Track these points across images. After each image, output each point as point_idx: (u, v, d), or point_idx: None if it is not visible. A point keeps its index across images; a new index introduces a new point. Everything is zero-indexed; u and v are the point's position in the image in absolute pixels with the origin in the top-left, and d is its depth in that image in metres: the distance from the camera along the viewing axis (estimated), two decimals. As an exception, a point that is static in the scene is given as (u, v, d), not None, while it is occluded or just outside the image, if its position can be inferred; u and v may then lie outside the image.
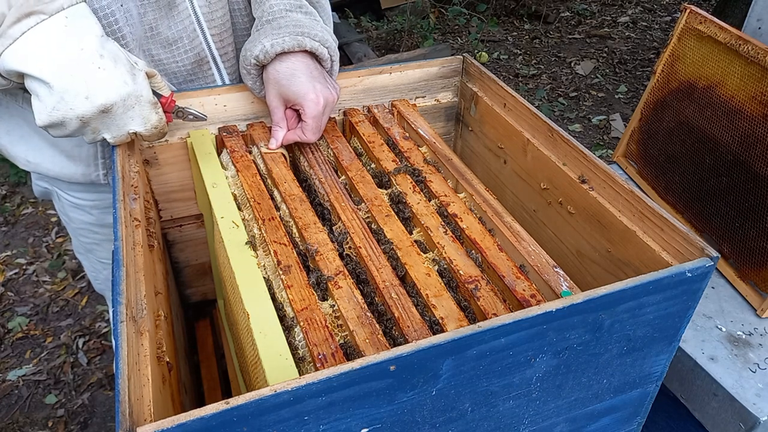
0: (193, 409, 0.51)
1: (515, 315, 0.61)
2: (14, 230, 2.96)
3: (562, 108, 3.98)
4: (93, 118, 0.84)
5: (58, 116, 0.82)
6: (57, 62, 0.80)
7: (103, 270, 1.39)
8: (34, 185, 1.29)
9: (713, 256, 0.71)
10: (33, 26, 0.79)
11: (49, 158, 1.13)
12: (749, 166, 1.16)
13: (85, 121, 0.84)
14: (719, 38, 1.23)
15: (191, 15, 1.06)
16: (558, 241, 1.02)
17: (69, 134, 0.86)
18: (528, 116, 1.04)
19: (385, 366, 0.56)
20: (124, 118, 0.87)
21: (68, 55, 0.81)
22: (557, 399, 0.74)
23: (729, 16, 3.83)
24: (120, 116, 0.86)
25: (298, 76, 0.98)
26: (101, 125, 0.87)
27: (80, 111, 0.82)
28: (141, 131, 0.90)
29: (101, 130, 0.88)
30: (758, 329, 1.11)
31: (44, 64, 0.80)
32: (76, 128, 0.85)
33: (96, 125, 0.86)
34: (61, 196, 1.24)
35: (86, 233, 1.30)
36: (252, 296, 0.78)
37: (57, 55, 0.80)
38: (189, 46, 1.08)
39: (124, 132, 0.89)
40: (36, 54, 0.80)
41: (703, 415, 1.06)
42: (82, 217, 1.26)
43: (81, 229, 1.30)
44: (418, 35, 4.48)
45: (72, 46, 0.81)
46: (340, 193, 0.97)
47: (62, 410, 2.16)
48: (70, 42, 0.81)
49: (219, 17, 1.10)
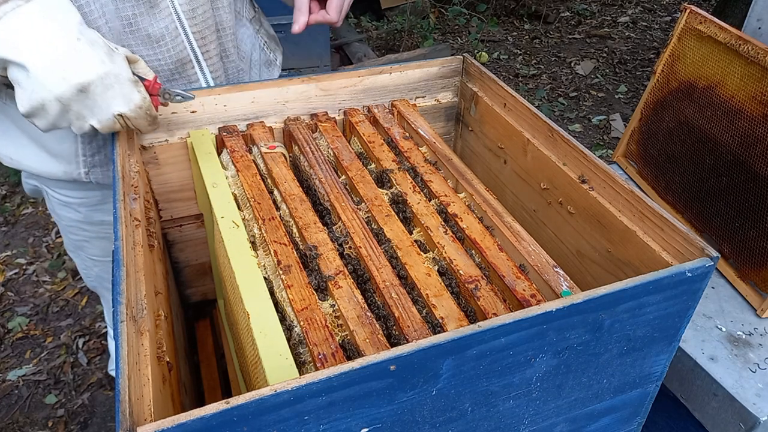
0: (193, 409, 0.51)
1: (515, 315, 0.61)
2: (14, 230, 2.96)
3: (562, 108, 3.98)
4: (72, 100, 0.84)
5: (38, 99, 0.82)
6: (33, 44, 0.81)
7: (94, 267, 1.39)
8: (24, 183, 1.29)
9: (713, 256, 0.71)
10: (9, 12, 0.80)
11: (32, 155, 1.12)
12: (749, 166, 1.16)
13: (65, 103, 0.84)
14: (719, 38, 1.23)
15: (172, 13, 1.06)
16: (558, 241, 1.02)
17: (54, 122, 0.86)
18: (528, 116, 1.04)
19: (385, 366, 0.56)
20: (105, 99, 0.86)
21: (45, 37, 0.81)
22: (557, 399, 0.74)
23: (729, 16, 3.83)
24: (100, 96, 0.85)
25: None
26: (83, 108, 0.86)
27: (58, 91, 0.82)
28: (126, 111, 0.88)
29: (86, 115, 0.87)
30: (758, 329, 1.11)
31: (21, 46, 0.80)
32: (58, 113, 0.85)
33: (78, 108, 0.85)
34: (49, 193, 1.25)
35: (75, 231, 1.30)
36: (252, 296, 0.78)
37: (33, 38, 0.81)
38: (171, 44, 1.08)
39: (109, 115, 0.87)
40: (12, 38, 0.80)
41: (703, 415, 1.06)
42: (71, 215, 1.27)
43: (70, 227, 1.30)
44: (418, 35, 4.48)
45: (49, 30, 0.82)
46: (340, 193, 0.97)
47: (62, 410, 2.16)
48: (47, 26, 0.82)
49: (200, 14, 1.09)
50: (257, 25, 1.32)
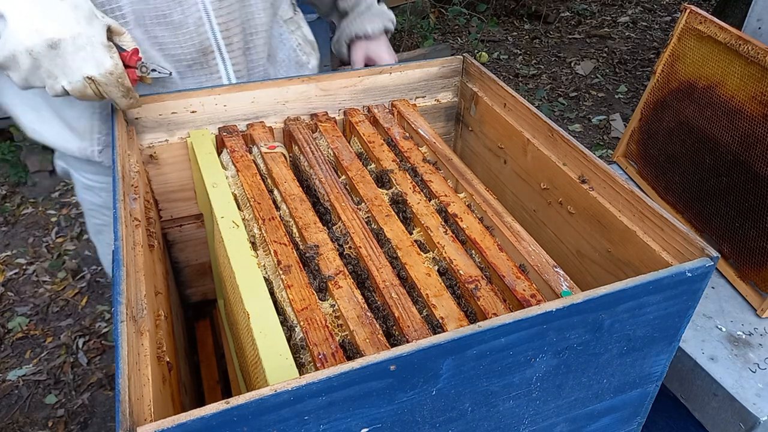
0: (193, 409, 0.51)
1: (515, 315, 0.61)
2: (14, 230, 2.96)
3: (562, 108, 3.98)
4: (42, 55, 0.86)
5: (10, 49, 0.85)
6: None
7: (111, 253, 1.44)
8: (55, 163, 1.33)
9: (713, 256, 0.71)
10: None
11: (53, 129, 1.16)
12: (749, 166, 1.16)
13: (36, 57, 0.86)
14: (719, 38, 1.23)
15: (198, 2, 1.09)
16: (558, 241, 1.02)
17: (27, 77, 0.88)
18: (528, 116, 1.04)
19: (385, 366, 0.56)
20: (76, 60, 0.87)
21: None
22: (557, 399, 0.74)
23: (729, 16, 3.83)
24: (71, 56, 0.87)
25: (382, 44, 1.37)
26: (54, 66, 0.87)
27: (29, 43, 0.84)
28: (96, 75, 0.89)
29: (57, 74, 0.88)
30: (758, 329, 1.11)
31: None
32: (30, 67, 0.87)
33: (48, 66, 0.87)
34: (74, 175, 1.28)
35: (97, 215, 1.34)
36: (252, 296, 0.78)
37: None
38: (195, 32, 1.10)
39: (79, 77, 0.88)
40: None
41: (703, 415, 1.06)
42: (93, 199, 1.30)
43: (92, 210, 1.34)
44: (418, 35, 4.47)
45: None
46: (340, 193, 0.97)
47: (62, 410, 2.16)
48: None
49: (227, 6, 1.12)
50: (293, 26, 1.35)
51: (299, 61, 1.36)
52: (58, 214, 3.07)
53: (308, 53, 1.39)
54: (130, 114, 1.03)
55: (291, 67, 1.35)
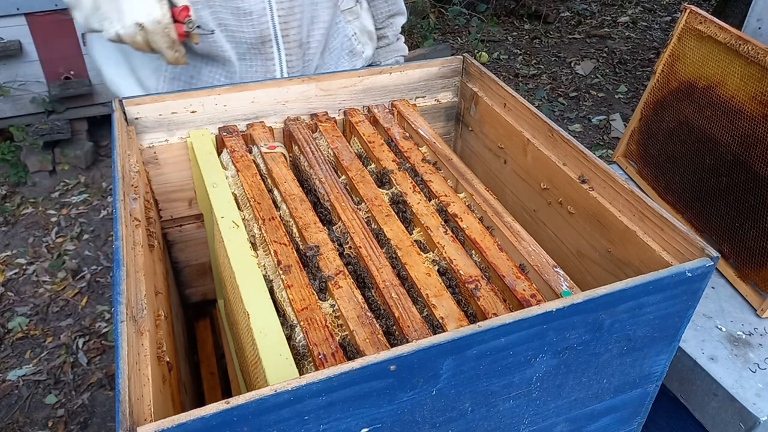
0: (193, 409, 0.51)
1: (515, 315, 0.61)
2: (14, 230, 2.96)
3: (562, 108, 3.98)
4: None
5: None
6: None
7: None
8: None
9: (713, 256, 0.71)
10: None
11: (127, 82, 1.29)
12: (749, 166, 1.16)
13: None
14: (719, 38, 1.23)
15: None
16: (558, 241, 1.02)
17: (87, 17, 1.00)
18: (528, 116, 1.04)
19: (386, 366, 0.56)
20: (130, 5, 0.97)
21: None
22: (557, 399, 0.74)
23: (729, 16, 3.83)
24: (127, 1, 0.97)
25: None
26: (111, 9, 0.98)
27: None
28: (145, 22, 0.97)
29: (112, 18, 0.98)
30: (758, 329, 1.11)
31: None
32: (91, 8, 0.99)
33: (106, 8, 0.98)
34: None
35: None
36: (252, 296, 0.78)
37: None
38: (257, 21, 1.17)
39: (131, 22, 0.98)
40: None
41: (703, 415, 1.06)
42: None
43: None
44: (418, 35, 4.47)
45: None
46: (340, 193, 0.97)
47: (62, 410, 2.16)
48: None
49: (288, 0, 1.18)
50: (351, 16, 1.39)
51: (353, 50, 1.40)
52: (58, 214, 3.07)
53: (364, 43, 1.43)
54: (131, 114, 1.03)
55: (343, 55, 1.39)
